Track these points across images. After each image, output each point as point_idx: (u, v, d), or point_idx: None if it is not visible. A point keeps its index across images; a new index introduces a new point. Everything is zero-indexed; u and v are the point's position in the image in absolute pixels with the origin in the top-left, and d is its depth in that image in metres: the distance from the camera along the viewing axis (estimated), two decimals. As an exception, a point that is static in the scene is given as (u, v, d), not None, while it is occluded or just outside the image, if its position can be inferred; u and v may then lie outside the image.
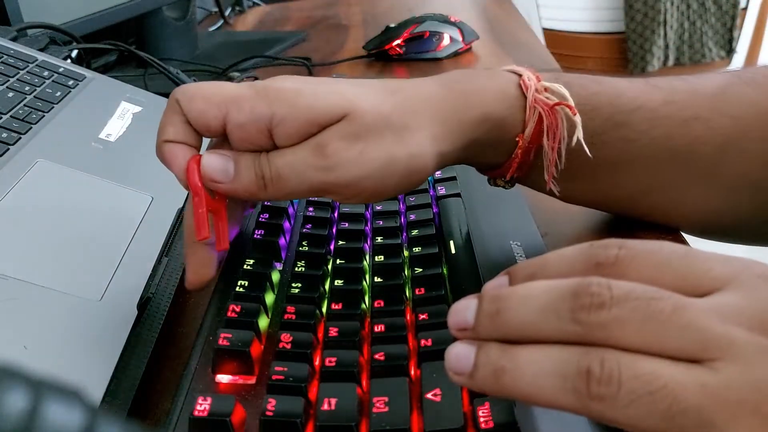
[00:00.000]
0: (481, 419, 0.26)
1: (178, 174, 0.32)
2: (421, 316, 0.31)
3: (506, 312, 0.22)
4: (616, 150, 0.36)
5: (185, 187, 0.32)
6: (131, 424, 0.13)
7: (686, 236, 0.42)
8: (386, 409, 0.26)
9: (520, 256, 0.37)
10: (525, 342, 0.21)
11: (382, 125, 0.31)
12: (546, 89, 0.35)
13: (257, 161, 0.31)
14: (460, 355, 0.22)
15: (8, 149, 0.41)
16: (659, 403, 0.19)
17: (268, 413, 0.26)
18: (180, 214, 0.43)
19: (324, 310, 0.33)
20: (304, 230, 0.38)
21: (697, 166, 0.37)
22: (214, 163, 0.31)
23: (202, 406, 0.27)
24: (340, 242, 0.38)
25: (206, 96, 0.31)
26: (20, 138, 0.42)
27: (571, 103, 0.35)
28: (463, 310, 0.23)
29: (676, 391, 0.19)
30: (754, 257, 0.22)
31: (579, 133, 0.35)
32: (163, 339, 0.36)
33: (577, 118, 0.35)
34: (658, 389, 0.19)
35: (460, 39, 0.84)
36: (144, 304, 0.35)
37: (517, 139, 0.35)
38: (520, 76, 0.35)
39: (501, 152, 0.36)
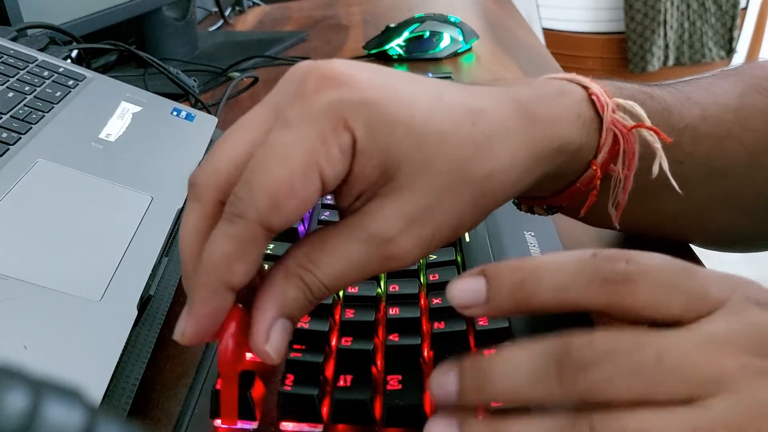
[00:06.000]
0: None
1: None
2: (435, 301, 0.32)
3: (490, 385, 0.22)
4: (664, 173, 0.32)
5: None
6: (131, 424, 0.13)
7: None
8: (400, 387, 0.27)
9: (534, 246, 0.38)
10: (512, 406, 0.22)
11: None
12: (618, 106, 0.30)
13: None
14: None
15: (8, 149, 0.41)
16: None
17: (287, 388, 0.27)
18: (180, 214, 0.43)
19: (341, 293, 0.34)
20: (322, 217, 0.39)
21: (726, 186, 0.35)
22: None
23: None
24: None
25: (288, 179, 0.22)
26: (20, 138, 0.42)
27: (649, 123, 0.30)
28: (445, 384, 0.23)
29: None
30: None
31: (663, 162, 0.30)
32: (163, 339, 0.36)
33: (658, 144, 0.30)
34: None
35: (460, 39, 0.84)
36: (144, 304, 0.35)
37: (593, 167, 0.30)
38: (586, 89, 0.30)
39: (564, 182, 0.31)
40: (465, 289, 0.24)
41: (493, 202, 0.27)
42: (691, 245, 0.41)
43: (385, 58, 0.85)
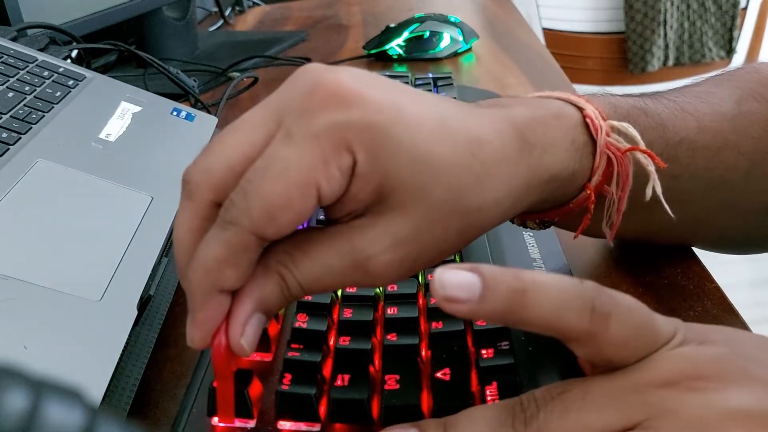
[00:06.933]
0: (489, 398, 0.27)
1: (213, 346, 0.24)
2: (433, 301, 0.32)
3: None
4: (662, 187, 0.31)
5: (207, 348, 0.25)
6: (131, 424, 0.13)
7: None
8: (397, 386, 0.28)
9: (533, 246, 0.38)
10: None
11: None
12: (613, 128, 0.30)
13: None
14: None
15: (8, 149, 0.41)
16: None
17: (284, 387, 0.28)
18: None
19: (339, 293, 0.34)
20: (321, 217, 0.39)
21: (724, 196, 0.35)
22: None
23: None
24: None
25: (286, 191, 0.23)
26: (20, 138, 0.42)
27: (643, 146, 0.30)
28: None
29: None
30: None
31: (656, 185, 0.31)
32: (163, 339, 0.36)
33: (652, 167, 0.31)
34: None
35: (460, 39, 0.84)
36: (144, 304, 0.35)
37: (587, 191, 0.30)
38: (581, 110, 0.30)
39: (557, 203, 0.31)
40: (458, 282, 0.22)
41: (479, 231, 0.27)
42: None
43: (385, 58, 0.85)
